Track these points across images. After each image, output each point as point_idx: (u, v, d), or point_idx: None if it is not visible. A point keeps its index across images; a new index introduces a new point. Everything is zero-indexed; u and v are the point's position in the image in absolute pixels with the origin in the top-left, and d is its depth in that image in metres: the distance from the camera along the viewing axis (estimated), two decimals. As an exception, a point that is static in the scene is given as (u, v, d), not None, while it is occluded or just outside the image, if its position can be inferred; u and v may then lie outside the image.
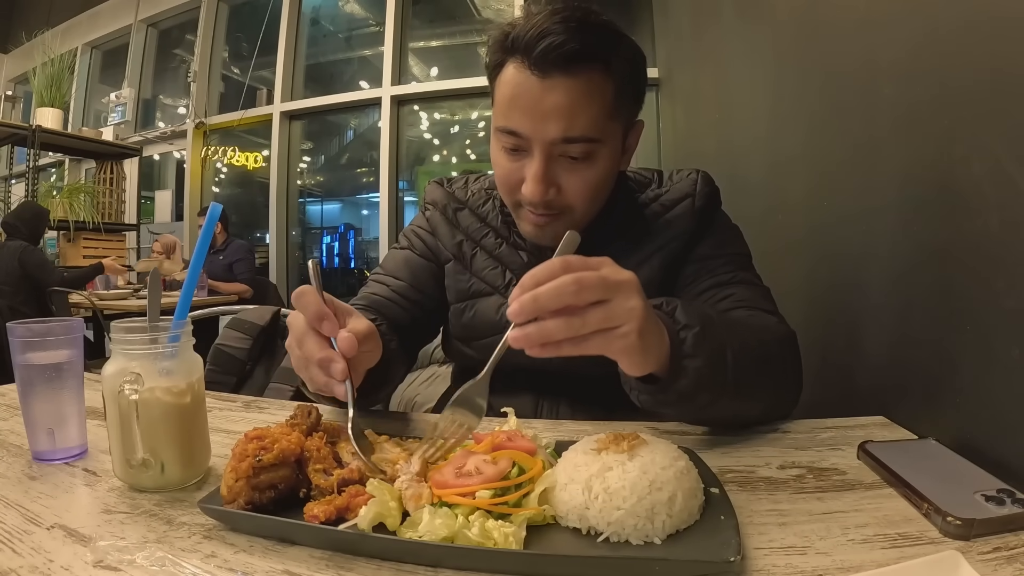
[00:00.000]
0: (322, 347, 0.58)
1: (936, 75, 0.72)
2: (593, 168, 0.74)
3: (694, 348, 0.58)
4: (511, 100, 0.73)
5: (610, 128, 0.74)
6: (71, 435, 0.61)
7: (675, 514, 0.43)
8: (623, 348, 0.52)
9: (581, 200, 0.76)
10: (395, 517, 0.44)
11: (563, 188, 0.75)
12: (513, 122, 0.73)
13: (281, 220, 5.28)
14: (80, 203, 4.62)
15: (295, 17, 5.38)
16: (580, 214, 0.78)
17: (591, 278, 0.49)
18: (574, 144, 0.72)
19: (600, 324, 0.50)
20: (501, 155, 0.77)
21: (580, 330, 0.49)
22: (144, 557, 0.42)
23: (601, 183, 0.77)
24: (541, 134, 0.71)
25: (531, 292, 0.48)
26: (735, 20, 1.82)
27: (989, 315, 0.61)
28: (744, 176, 1.64)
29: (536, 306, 0.48)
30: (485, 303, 0.88)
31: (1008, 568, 0.39)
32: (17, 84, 6.44)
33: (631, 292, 0.51)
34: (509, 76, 0.73)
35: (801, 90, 1.27)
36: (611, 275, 0.51)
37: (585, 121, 0.71)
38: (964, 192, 0.65)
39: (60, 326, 0.60)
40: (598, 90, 0.71)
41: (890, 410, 0.74)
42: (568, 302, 0.48)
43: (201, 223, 4.49)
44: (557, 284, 0.48)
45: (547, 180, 0.73)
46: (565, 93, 0.70)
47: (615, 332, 0.51)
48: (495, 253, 0.89)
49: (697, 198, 0.86)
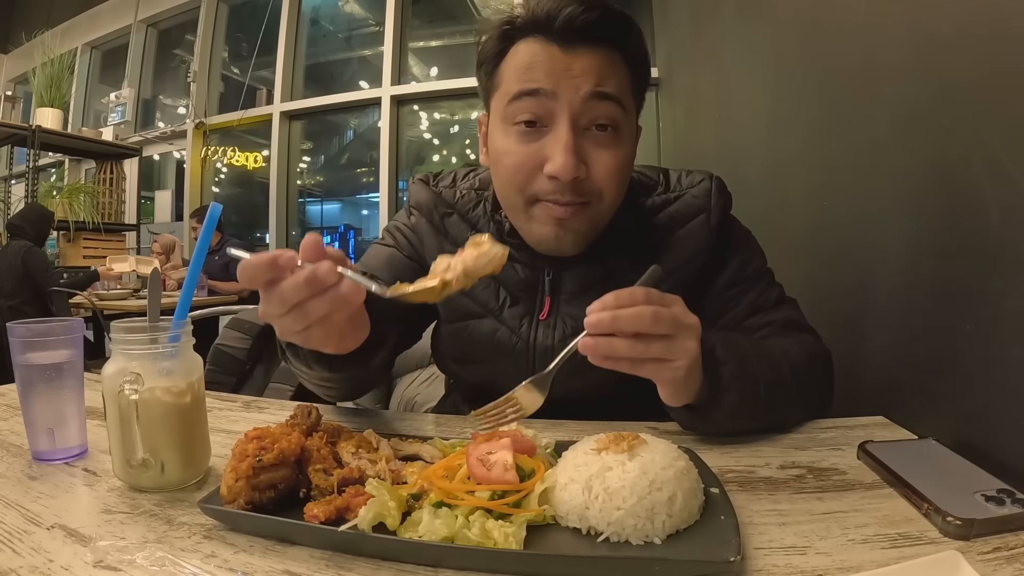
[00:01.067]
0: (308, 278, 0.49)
1: (936, 75, 0.72)
2: (620, 149, 0.70)
3: (730, 383, 0.61)
4: (529, 66, 0.68)
5: (630, 108, 0.71)
6: (71, 435, 0.61)
7: (675, 514, 0.43)
8: (670, 379, 0.59)
9: (610, 184, 0.69)
10: (395, 517, 0.44)
11: (591, 167, 0.68)
12: (532, 81, 0.67)
13: (281, 220, 5.28)
14: (80, 203, 4.62)
15: (295, 17, 5.39)
16: (608, 204, 0.71)
17: (666, 315, 0.56)
18: (606, 104, 0.67)
19: (659, 354, 0.56)
20: (512, 140, 0.70)
21: (642, 355, 0.56)
22: (144, 557, 0.42)
23: (625, 168, 0.72)
24: (572, 89, 0.66)
25: (612, 312, 0.54)
26: (735, 20, 1.82)
27: (989, 315, 0.61)
28: (744, 176, 1.64)
29: (613, 326, 0.54)
30: (478, 326, 0.81)
31: (1008, 568, 0.39)
32: (17, 84, 6.44)
33: (692, 335, 0.58)
34: (523, 50, 0.69)
35: (801, 90, 1.27)
36: (681, 316, 0.58)
37: (615, 81, 0.68)
38: (964, 192, 0.65)
39: (60, 326, 0.60)
40: (621, 66, 0.69)
41: (890, 410, 0.74)
42: (641, 330, 0.55)
43: (194, 224, 4.50)
44: (637, 312, 0.54)
45: (576, 150, 0.67)
46: (592, 59, 0.67)
47: (668, 364, 0.57)
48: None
49: (712, 214, 0.78)
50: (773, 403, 0.65)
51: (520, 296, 0.80)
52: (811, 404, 0.72)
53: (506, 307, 0.80)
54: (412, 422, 0.77)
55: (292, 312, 0.50)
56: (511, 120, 0.70)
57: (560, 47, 0.67)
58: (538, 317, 0.79)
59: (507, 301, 0.80)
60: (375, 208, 5.14)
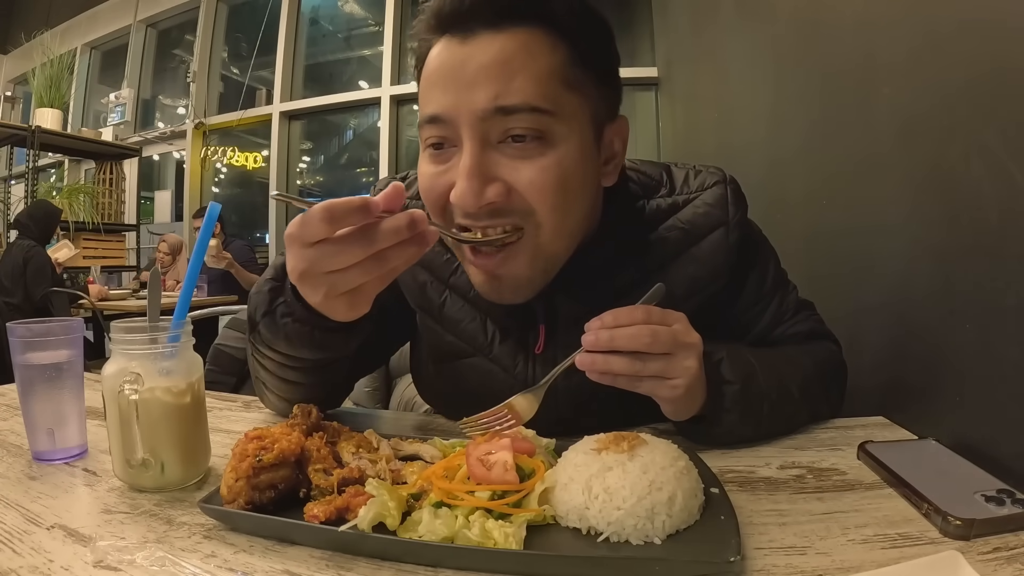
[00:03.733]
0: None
1: (936, 75, 0.72)
2: (551, 154, 0.56)
3: (732, 403, 0.61)
4: (427, 80, 0.58)
5: (567, 101, 0.56)
6: (71, 435, 0.61)
7: (675, 514, 0.43)
8: (669, 397, 0.57)
9: (543, 200, 0.56)
10: (395, 517, 0.44)
11: (512, 184, 0.56)
12: (432, 104, 0.57)
13: (281, 220, 5.28)
14: (80, 204, 4.63)
15: (294, 17, 5.38)
16: (549, 227, 0.58)
17: (665, 333, 0.55)
18: (515, 116, 0.54)
19: (657, 372, 0.56)
20: (425, 162, 0.60)
21: (639, 372, 0.55)
22: (144, 557, 0.42)
23: (567, 179, 0.57)
24: (467, 106, 0.54)
25: (610, 331, 0.54)
26: (735, 19, 1.82)
27: (989, 314, 0.61)
28: (744, 175, 1.63)
29: (611, 345, 0.54)
30: (468, 366, 0.71)
31: (1008, 568, 0.39)
32: (17, 85, 6.44)
33: (692, 353, 0.57)
34: (429, 60, 0.58)
35: (801, 89, 1.27)
36: (682, 335, 0.56)
37: (525, 83, 0.54)
38: (964, 191, 0.65)
39: (60, 326, 0.60)
40: (541, 48, 0.55)
41: (890, 410, 0.74)
42: (639, 349, 0.54)
43: (197, 225, 4.50)
44: (635, 331, 0.54)
45: (481, 174, 0.55)
46: (496, 51, 0.54)
47: (667, 383, 0.56)
48: (470, 296, 0.69)
49: (731, 228, 0.68)
50: (775, 420, 0.65)
51: (510, 329, 0.70)
52: (816, 416, 0.71)
53: (496, 343, 0.70)
54: (412, 422, 0.77)
55: (371, 260, 0.46)
56: (423, 140, 0.60)
57: (459, 41, 0.55)
58: (534, 351, 0.69)
59: (496, 336, 0.70)
60: (375, 208, 5.13)
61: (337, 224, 0.45)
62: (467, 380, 0.72)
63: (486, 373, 0.71)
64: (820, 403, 0.71)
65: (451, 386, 0.75)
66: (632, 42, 4.33)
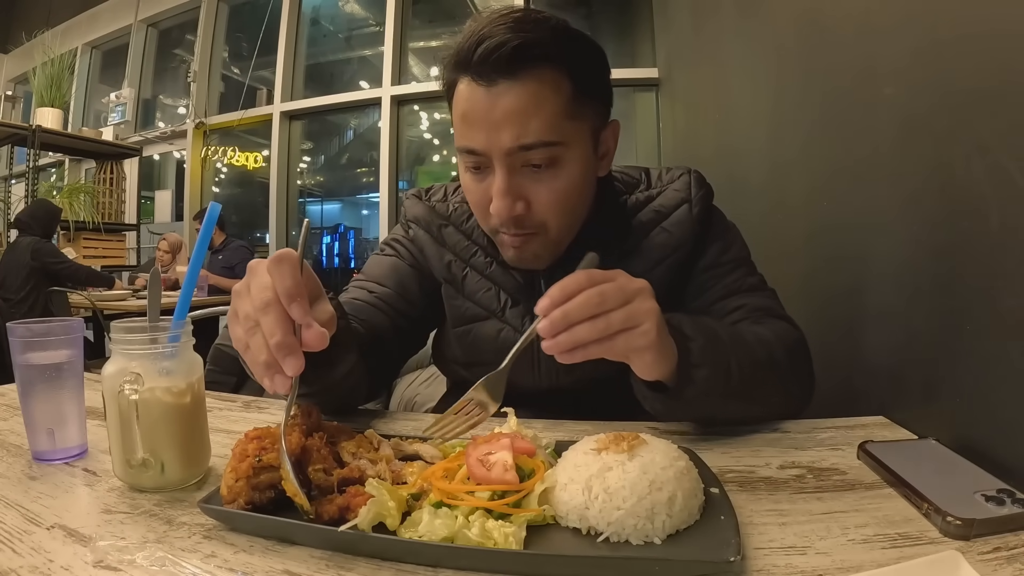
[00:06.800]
0: (284, 329, 0.50)
1: (936, 76, 0.72)
2: (560, 176, 0.72)
3: (700, 358, 0.62)
4: (463, 118, 0.71)
5: (572, 129, 0.71)
6: (71, 435, 0.61)
7: (675, 514, 0.43)
8: (645, 344, 0.57)
9: (553, 213, 0.73)
10: (395, 517, 0.44)
11: (531, 202, 0.72)
12: (468, 139, 0.71)
13: (281, 220, 5.28)
14: (80, 203, 4.64)
15: (295, 17, 5.39)
16: (556, 230, 0.75)
17: (611, 288, 0.55)
18: (533, 151, 0.69)
19: (623, 323, 0.55)
20: (468, 178, 0.75)
21: (606, 331, 0.55)
22: (144, 557, 0.42)
23: (572, 191, 0.73)
24: (496, 145, 0.69)
25: (560, 309, 0.54)
26: (735, 20, 1.82)
27: (989, 315, 0.61)
28: (744, 176, 1.65)
29: (566, 322, 0.54)
30: (482, 328, 0.84)
31: (1008, 568, 0.39)
32: (17, 84, 6.44)
33: (646, 296, 0.57)
34: (459, 95, 0.71)
35: (802, 89, 1.27)
36: (627, 283, 0.57)
37: (539, 125, 0.68)
38: (964, 192, 0.65)
39: (60, 326, 0.60)
40: (551, 90, 0.68)
41: (890, 410, 0.74)
42: (593, 312, 0.54)
43: (197, 226, 4.50)
44: (583, 298, 0.54)
45: (512, 194, 0.71)
46: (514, 98, 0.67)
47: (637, 330, 0.56)
48: (486, 273, 0.85)
49: (694, 204, 0.82)
50: (749, 383, 0.65)
51: (519, 298, 0.83)
52: (790, 389, 0.72)
53: (507, 308, 0.84)
54: (412, 422, 0.77)
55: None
56: (463, 161, 0.75)
57: (485, 87, 0.68)
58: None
59: (508, 303, 0.84)
60: (375, 208, 5.14)
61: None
62: (483, 340, 0.84)
63: (499, 332, 0.83)
64: (788, 372, 0.71)
65: (469, 346, 0.86)
66: (632, 43, 4.34)
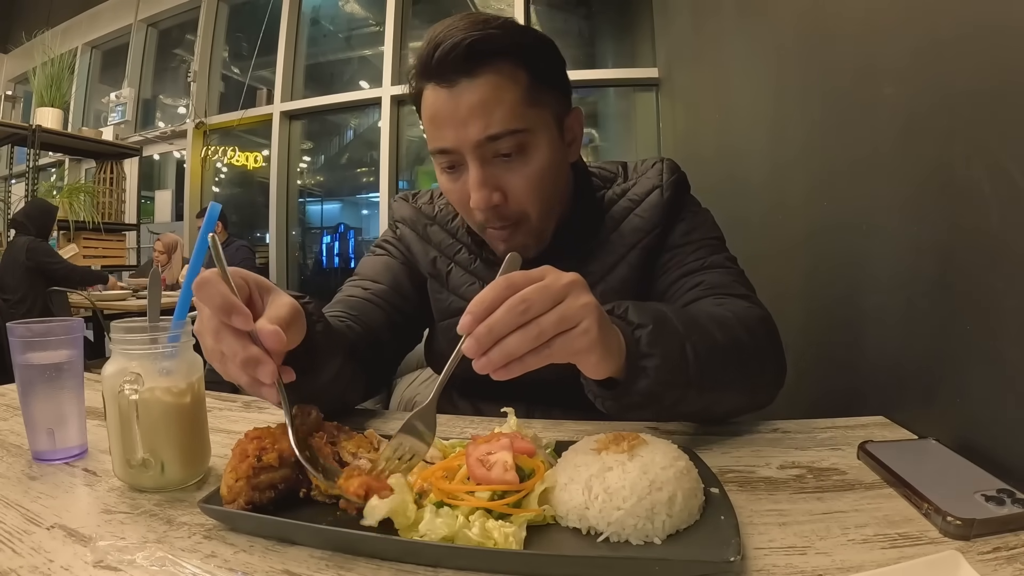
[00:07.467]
0: (243, 344, 0.49)
1: (936, 76, 0.72)
2: (530, 163, 0.74)
3: (650, 347, 0.57)
4: (431, 121, 0.74)
5: (534, 116, 0.73)
6: (71, 435, 0.61)
7: (675, 514, 0.43)
8: (587, 345, 0.51)
9: (529, 199, 0.75)
10: (408, 518, 0.44)
11: (507, 191, 0.74)
12: (439, 140, 0.73)
13: (281, 220, 5.27)
14: (80, 203, 4.63)
15: (295, 17, 5.38)
16: (536, 216, 0.77)
17: (536, 290, 0.49)
18: (501, 140, 0.71)
19: (557, 327, 0.49)
20: (444, 179, 0.78)
21: (540, 338, 0.49)
22: (144, 557, 0.42)
23: (544, 176, 0.75)
24: (465, 140, 0.71)
25: (484, 324, 0.48)
26: (736, 20, 1.82)
27: (989, 315, 0.61)
28: (745, 176, 1.64)
29: (492, 337, 0.48)
30: None
31: (1008, 568, 0.39)
32: (17, 84, 6.44)
33: (580, 291, 0.51)
34: (425, 100, 0.74)
35: (802, 89, 1.27)
36: (554, 282, 0.50)
37: (503, 114, 0.70)
38: (964, 192, 0.65)
39: (60, 326, 0.60)
40: (509, 81, 0.71)
41: (890, 410, 0.74)
42: (520, 322, 0.48)
43: (199, 225, 4.50)
44: (506, 307, 0.48)
45: (487, 184, 0.73)
46: (475, 93, 0.70)
47: (575, 331, 0.50)
48: (471, 268, 0.88)
49: (665, 188, 0.85)
50: (708, 369, 0.60)
51: None
52: (757, 372, 0.68)
53: None
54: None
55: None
56: (437, 164, 0.77)
57: (447, 88, 0.71)
58: None
59: None
60: (375, 208, 5.14)
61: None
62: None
63: None
64: (749, 353, 0.67)
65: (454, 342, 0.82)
66: (632, 43, 4.34)
